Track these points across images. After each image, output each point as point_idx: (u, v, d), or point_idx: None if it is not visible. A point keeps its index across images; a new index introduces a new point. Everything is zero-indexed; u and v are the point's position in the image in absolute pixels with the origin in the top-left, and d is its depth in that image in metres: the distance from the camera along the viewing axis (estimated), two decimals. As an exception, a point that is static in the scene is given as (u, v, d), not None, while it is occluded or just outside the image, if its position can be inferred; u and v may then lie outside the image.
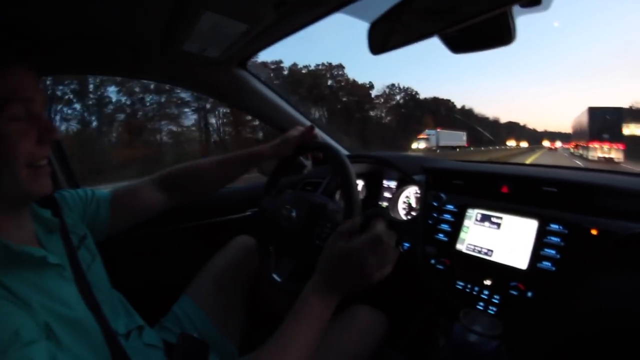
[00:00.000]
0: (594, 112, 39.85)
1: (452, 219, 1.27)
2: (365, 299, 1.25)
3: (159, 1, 0.98)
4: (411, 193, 1.56)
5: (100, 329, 0.74)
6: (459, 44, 0.94)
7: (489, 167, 1.46)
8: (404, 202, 1.58)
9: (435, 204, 1.33)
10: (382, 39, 0.97)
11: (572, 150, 45.36)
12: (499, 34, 0.85)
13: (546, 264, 1.02)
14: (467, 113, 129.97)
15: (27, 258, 0.66)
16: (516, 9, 0.75)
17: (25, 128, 0.65)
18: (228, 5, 1.01)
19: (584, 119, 40.34)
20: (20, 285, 0.61)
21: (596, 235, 0.98)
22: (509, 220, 1.15)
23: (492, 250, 1.14)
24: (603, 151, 36.87)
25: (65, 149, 1.56)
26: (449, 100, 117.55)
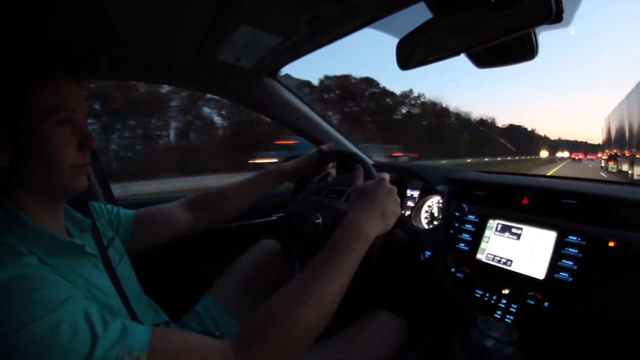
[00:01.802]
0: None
1: (473, 229, 1.30)
2: (386, 305, 1.28)
3: (198, 13, 1.03)
4: (434, 203, 1.59)
5: (130, 318, 0.81)
6: (484, 59, 0.98)
7: (510, 178, 1.49)
8: (427, 212, 1.61)
9: (457, 214, 1.36)
10: (410, 54, 1.01)
11: (603, 163, 26.46)
12: (523, 49, 0.88)
13: (563, 275, 1.04)
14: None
15: (69, 246, 0.73)
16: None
17: (68, 134, 0.72)
18: (264, 20, 1.06)
19: (634, 107, 17.30)
20: (63, 269, 0.67)
21: (614, 247, 1.00)
22: (529, 231, 1.18)
23: (511, 260, 1.17)
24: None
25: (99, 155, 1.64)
26: (376, 84, 70.10)
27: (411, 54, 1.01)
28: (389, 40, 1.11)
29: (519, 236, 1.19)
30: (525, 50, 0.89)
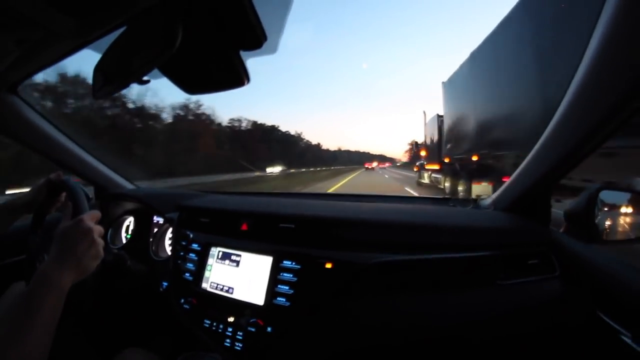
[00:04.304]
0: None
1: (196, 258, 1.28)
2: (137, 341, 1.21)
3: None
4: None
5: None
6: (193, 86, 0.95)
7: (238, 202, 1.50)
8: (170, 239, 1.56)
9: (183, 242, 1.34)
10: (100, 81, 0.94)
11: (427, 178, 13.71)
12: (230, 76, 0.86)
13: (281, 300, 1.07)
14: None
15: None
16: (245, 53, 0.79)
17: None
18: None
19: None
20: None
21: (331, 269, 1.05)
22: (247, 258, 1.19)
23: (233, 288, 1.17)
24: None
25: None
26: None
27: (104, 82, 0.94)
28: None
29: (238, 263, 1.20)
30: (232, 78, 0.87)
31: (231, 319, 1.12)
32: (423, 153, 13.87)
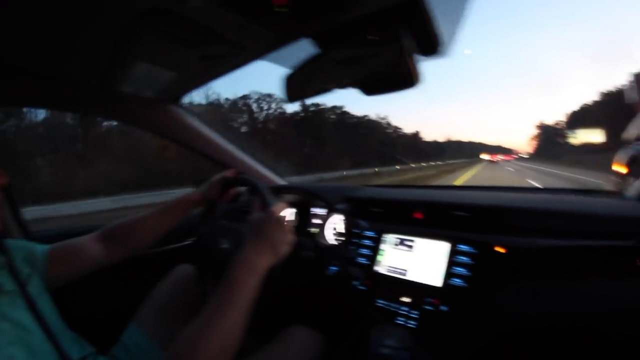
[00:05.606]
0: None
1: (371, 244, 1.39)
2: (301, 320, 1.32)
3: (98, 49, 1.05)
4: (338, 220, 1.65)
5: (57, 354, 0.80)
6: (371, 88, 1.05)
7: (406, 194, 1.61)
8: (333, 229, 1.66)
9: (356, 230, 1.45)
10: (298, 88, 1.07)
11: None
12: (406, 79, 0.96)
13: (458, 281, 1.15)
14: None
15: None
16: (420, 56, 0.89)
17: None
18: (158, 57, 1.11)
19: None
20: None
21: (505, 253, 1.12)
22: (421, 243, 1.28)
23: (406, 270, 1.26)
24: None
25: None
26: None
27: (299, 88, 1.06)
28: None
29: (411, 248, 1.29)
30: (407, 80, 0.96)
31: (406, 299, 1.21)
32: None
